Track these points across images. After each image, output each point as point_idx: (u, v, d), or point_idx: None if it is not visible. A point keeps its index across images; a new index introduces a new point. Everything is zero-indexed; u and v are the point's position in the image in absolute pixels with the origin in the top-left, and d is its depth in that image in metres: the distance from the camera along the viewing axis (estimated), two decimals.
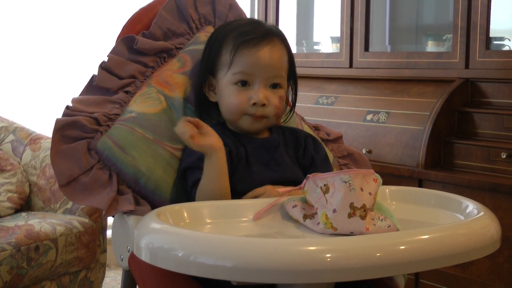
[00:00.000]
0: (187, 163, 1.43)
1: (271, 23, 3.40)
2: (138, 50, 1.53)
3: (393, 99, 2.77)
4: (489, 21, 2.56)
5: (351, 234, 1.16)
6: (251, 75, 1.44)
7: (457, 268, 2.41)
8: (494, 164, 2.40)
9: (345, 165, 1.69)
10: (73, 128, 1.41)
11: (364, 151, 2.73)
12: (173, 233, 1.08)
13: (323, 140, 1.70)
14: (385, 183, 1.31)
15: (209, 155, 1.34)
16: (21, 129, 2.77)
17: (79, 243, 2.40)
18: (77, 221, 2.43)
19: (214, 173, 1.34)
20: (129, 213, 1.36)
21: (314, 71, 3.23)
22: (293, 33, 3.73)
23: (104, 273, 2.60)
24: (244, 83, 1.45)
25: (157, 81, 1.53)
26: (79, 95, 1.50)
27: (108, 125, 1.45)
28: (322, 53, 3.40)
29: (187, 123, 1.34)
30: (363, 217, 1.17)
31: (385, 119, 2.72)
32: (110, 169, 1.42)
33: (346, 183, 1.19)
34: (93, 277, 2.52)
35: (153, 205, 1.41)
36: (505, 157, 2.36)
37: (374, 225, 1.17)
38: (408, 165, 2.58)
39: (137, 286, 1.41)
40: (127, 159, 1.42)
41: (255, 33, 1.46)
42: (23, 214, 2.50)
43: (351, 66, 3.07)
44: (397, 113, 2.70)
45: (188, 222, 1.24)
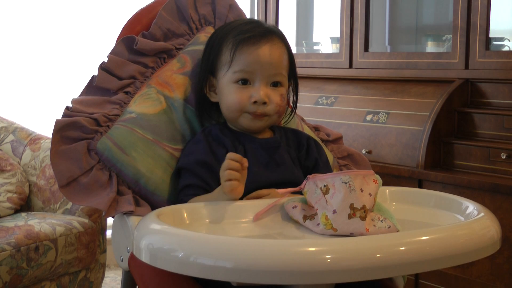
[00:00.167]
0: (183, 163, 1.43)
1: (271, 23, 3.40)
2: (138, 50, 1.53)
3: (393, 99, 2.77)
4: (489, 21, 2.56)
5: (351, 235, 1.16)
6: (252, 73, 1.44)
7: (457, 268, 2.41)
8: (494, 164, 2.40)
9: (345, 165, 1.69)
10: (73, 128, 1.41)
11: (364, 152, 2.73)
12: (173, 234, 1.07)
13: (323, 140, 1.70)
14: (385, 184, 1.31)
15: (225, 191, 1.30)
16: (21, 129, 2.77)
17: (79, 243, 2.40)
18: (76, 222, 2.43)
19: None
20: (129, 213, 1.36)
21: (314, 72, 3.23)
22: (293, 33, 3.73)
23: (103, 273, 2.60)
24: (244, 82, 1.45)
25: (157, 82, 1.53)
26: (79, 96, 1.49)
27: (108, 126, 1.45)
28: (322, 54, 3.40)
29: (233, 172, 1.28)
30: (363, 218, 1.17)
31: (385, 120, 2.72)
32: (110, 169, 1.42)
33: (346, 184, 1.19)
34: (92, 278, 2.52)
35: (153, 206, 1.41)
36: (505, 157, 2.36)
37: (374, 226, 1.17)
38: (408, 166, 2.58)
39: (137, 286, 1.41)
40: (127, 160, 1.42)
41: (254, 31, 1.46)
42: (23, 214, 2.50)
43: (351, 66, 3.07)
44: (397, 113, 2.70)
45: (188, 223, 1.24)
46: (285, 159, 1.47)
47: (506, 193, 2.29)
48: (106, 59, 1.52)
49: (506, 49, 2.72)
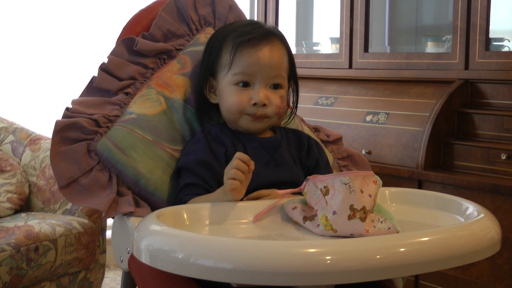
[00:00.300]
0: (183, 162, 1.43)
1: (270, 24, 3.40)
2: (138, 51, 1.53)
3: (393, 100, 2.77)
4: (489, 22, 2.56)
5: (351, 236, 1.16)
6: (252, 75, 1.44)
7: (457, 269, 2.41)
8: (494, 165, 2.40)
9: (345, 166, 1.69)
10: (72, 129, 1.41)
11: (363, 152, 2.73)
12: (173, 235, 1.07)
13: (322, 141, 1.70)
14: (385, 184, 1.31)
15: (229, 196, 1.31)
16: (20, 130, 2.77)
17: (79, 243, 2.40)
18: (76, 222, 2.43)
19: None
20: (129, 214, 1.36)
21: (313, 72, 3.23)
22: (293, 34, 3.73)
23: (103, 273, 2.60)
24: (245, 84, 1.45)
25: (157, 83, 1.53)
26: (79, 97, 1.49)
27: (107, 127, 1.45)
28: (321, 54, 3.40)
29: (239, 172, 1.28)
30: (363, 219, 1.17)
31: (384, 120, 2.72)
32: (109, 170, 1.42)
33: (346, 185, 1.19)
34: (92, 278, 2.52)
35: (153, 207, 1.41)
36: (505, 158, 2.36)
37: (374, 227, 1.17)
38: (407, 166, 2.58)
39: (137, 287, 1.41)
40: (127, 161, 1.42)
41: (254, 33, 1.46)
42: (23, 214, 2.50)
43: (350, 67, 3.07)
44: (397, 114, 2.70)
45: (188, 224, 1.24)
46: (286, 159, 1.47)
47: (506, 194, 2.29)
48: (106, 60, 1.52)
49: (506, 49, 2.72)
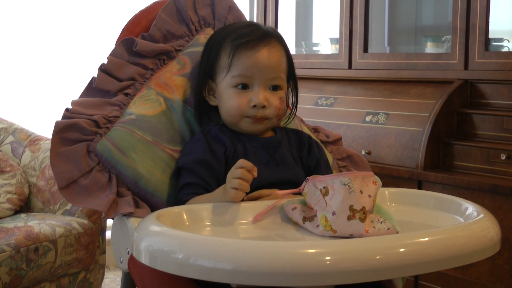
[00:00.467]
0: (183, 162, 1.43)
1: (270, 24, 3.41)
2: (137, 52, 1.53)
3: (392, 100, 2.78)
4: (488, 22, 2.56)
5: (351, 236, 1.16)
6: (250, 77, 1.44)
7: (457, 269, 2.41)
8: (493, 165, 2.40)
9: (344, 167, 1.68)
10: (72, 130, 1.41)
11: (363, 152, 2.73)
12: (172, 236, 1.08)
13: (322, 142, 1.70)
14: (384, 184, 1.31)
15: (228, 197, 1.31)
16: (20, 130, 2.77)
17: (79, 244, 2.40)
18: (76, 223, 2.43)
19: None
20: (129, 215, 1.36)
21: (313, 72, 3.23)
22: (292, 34, 3.73)
23: (103, 274, 2.60)
24: (244, 86, 1.45)
25: (157, 83, 1.53)
26: (79, 97, 1.49)
27: (107, 127, 1.45)
28: (321, 54, 3.40)
29: (243, 183, 1.28)
30: (362, 220, 1.17)
31: (384, 120, 2.72)
32: (109, 171, 1.42)
33: (345, 185, 1.19)
34: (92, 278, 2.52)
35: (153, 207, 1.41)
36: (504, 158, 2.36)
37: (373, 227, 1.17)
38: (407, 166, 2.58)
39: None
40: (127, 161, 1.42)
41: (252, 35, 1.46)
42: (23, 215, 2.50)
43: (350, 67, 3.07)
44: (396, 114, 2.70)
45: (187, 224, 1.24)
46: (286, 158, 1.47)
47: (505, 194, 2.29)
48: (105, 61, 1.52)
49: (505, 49, 2.72)
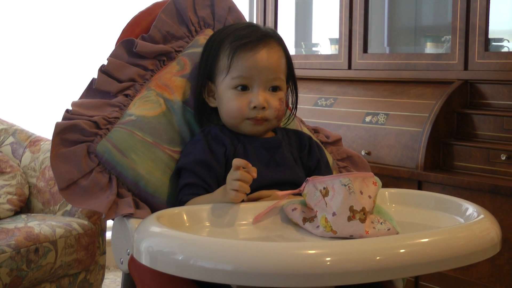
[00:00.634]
0: (183, 162, 1.44)
1: (269, 25, 3.41)
2: (137, 53, 1.53)
3: (392, 100, 2.78)
4: (488, 22, 2.56)
5: (351, 237, 1.16)
6: (250, 78, 1.44)
7: (457, 270, 2.41)
8: (493, 165, 2.40)
9: (344, 167, 1.69)
10: (72, 131, 1.41)
11: (363, 153, 2.73)
12: (173, 237, 1.08)
13: (322, 142, 1.70)
14: (384, 185, 1.31)
15: (229, 199, 1.31)
16: (20, 131, 2.77)
17: (79, 245, 2.40)
18: (76, 223, 2.43)
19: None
20: (129, 216, 1.36)
21: (313, 73, 3.23)
22: (292, 35, 3.73)
23: (103, 275, 2.60)
24: (243, 88, 1.45)
25: (157, 84, 1.53)
26: (79, 99, 1.49)
27: (107, 129, 1.45)
28: (320, 55, 3.41)
29: (244, 185, 1.28)
30: (362, 220, 1.17)
31: (384, 121, 2.72)
32: (109, 172, 1.42)
33: (345, 186, 1.19)
34: (92, 279, 2.52)
35: (153, 208, 1.41)
36: (504, 158, 2.36)
37: (373, 228, 1.18)
38: (407, 167, 2.58)
39: None
40: (127, 162, 1.42)
41: (251, 36, 1.46)
42: (23, 216, 2.50)
43: (349, 67, 3.07)
44: (396, 114, 2.70)
45: (187, 225, 1.24)
46: (286, 159, 1.47)
47: (506, 194, 2.29)
48: (105, 62, 1.52)
49: (505, 50, 2.72)
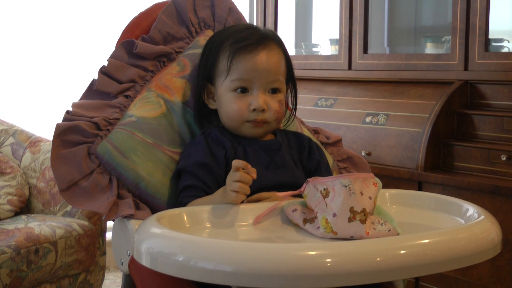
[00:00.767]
0: (183, 164, 1.44)
1: (269, 25, 3.41)
2: (137, 54, 1.53)
3: (392, 101, 2.78)
4: (488, 22, 2.56)
5: (351, 238, 1.16)
6: (249, 81, 1.44)
7: (457, 271, 2.41)
8: (494, 166, 2.40)
9: (345, 168, 1.69)
10: (73, 132, 1.41)
11: (363, 153, 2.73)
12: (173, 238, 1.08)
13: (322, 143, 1.70)
14: (385, 185, 1.31)
15: (229, 200, 1.31)
16: (20, 132, 2.77)
17: (79, 245, 2.40)
18: (76, 224, 2.43)
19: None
20: (129, 217, 1.36)
21: (313, 73, 3.23)
22: (292, 35, 3.73)
23: (103, 275, 2.60)
24: (243, 90, 1.45)
25: (157, 85, 1.53)
26: (79, 100, 1.49)
27: (108, 130, 1.45)
28: (321, 55, 3.40)
29: (244, 186, 1.28)
30: (363, 221, 1.17)
31: (384, 121, 2.72)
32: (110, 173, 1.42)
33: (346, 187, 1.19)
34: (92, 280, 2.52)
35: (153, 209, 1.41)
36: (505, 159, 2.36)
37: (374, 229, 1.17)
38: (407, 167, 2.58)
39: None
40: (127, 164, 1.42)
41: (251, 38, 1.45)
42: (23, 217, 2.50)
43: (350, 68, 3.07)
44: (396, 115, 2.70)
45: (188, 226, 1.24)
46: (286, 161, 1.47)
47: (506, 195, 2.29)
48: (106, 63, 1.52)
49: (505, 50, 2.72)
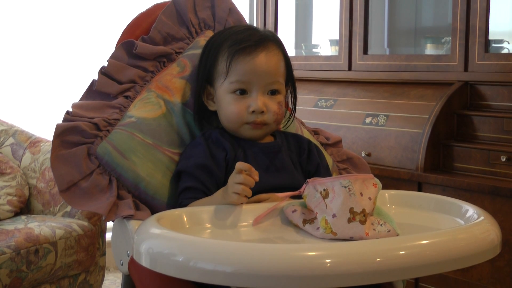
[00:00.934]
0: (183, 166, 1.43)
1: (269, 26, 3.41)
2: (137, 55, 1.53)
3: (392, 102, 2.78)
4: (488, 23, 2.56)
5: (351, 239, 1.16)
6: (248, 83, 1.44)
7: (457, 271, 2.41)
8: (493, 167, 2.40)
9: (345, 169, 1.69)
10: (73, 133, 1.41)
11: (363, 154, 2.73)
12: (173, 238, 1.08)
13: (322, 144, 1.70)
14: (384, 186, 1.31)
15: (230, 201, 1.31)
16: (20, 132, 2.77)
17: (79, 246, 2.40)
18: (76, 224, 2.43)
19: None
20: (129, 218, 1.36)
21: (313, 74, 3.23)
22: (292, 36, 3.74)
23: (103, 276, 2.60)
24: (242, 92, 1.45)
25: (157, 86, 1.53)
26: (79, 100, 1.49)
27: (108, 130, 1.45)
28: (321, 56, 3.40)
29: (247, 189, 1.28)
30: (362, 222, 1.17)
31: (384, 122, 2.72)
32: (110, 174, 1.42)
33: (345, 188, 1.19)
34: (92, 280, 2.52)
35: (153, 210, 1.41)
36: (504, 160, 2.36)
37: (374, 230, 1.18)
38: (407, 168, 2.58)
39: None
40: (127, 164, 1.42)
41: (250, 40, 1.45)
42: (23, 217, 2.50)
43: (350, 69, 3.08)
44: (396, 116, 2.70)
45: (188, 227, 1.24)
46: (286, 164, 1.47)
47: (506, 196, 2.29)
48: (106, 64, 1.52)
49: (505, 51, 2.72)
